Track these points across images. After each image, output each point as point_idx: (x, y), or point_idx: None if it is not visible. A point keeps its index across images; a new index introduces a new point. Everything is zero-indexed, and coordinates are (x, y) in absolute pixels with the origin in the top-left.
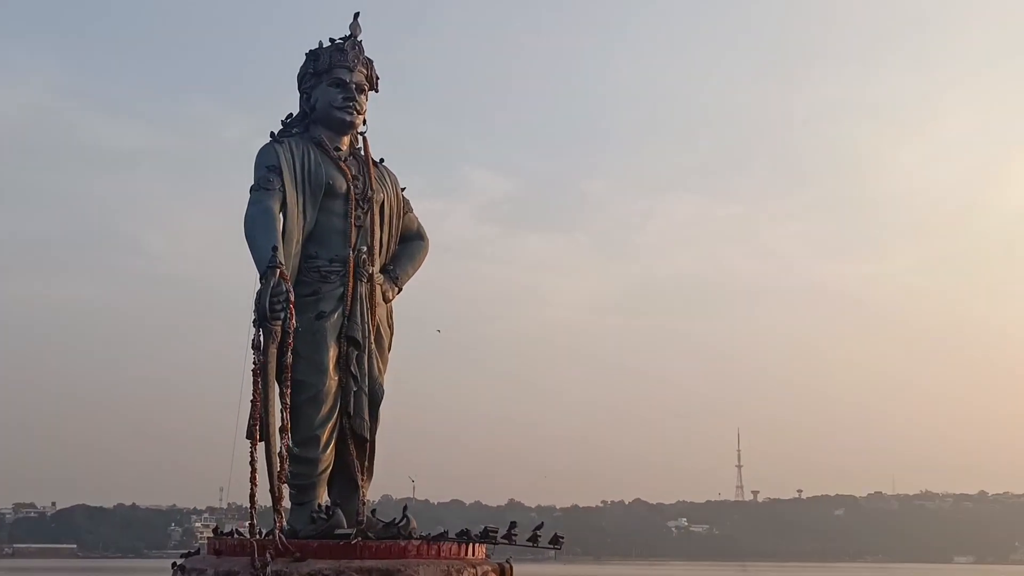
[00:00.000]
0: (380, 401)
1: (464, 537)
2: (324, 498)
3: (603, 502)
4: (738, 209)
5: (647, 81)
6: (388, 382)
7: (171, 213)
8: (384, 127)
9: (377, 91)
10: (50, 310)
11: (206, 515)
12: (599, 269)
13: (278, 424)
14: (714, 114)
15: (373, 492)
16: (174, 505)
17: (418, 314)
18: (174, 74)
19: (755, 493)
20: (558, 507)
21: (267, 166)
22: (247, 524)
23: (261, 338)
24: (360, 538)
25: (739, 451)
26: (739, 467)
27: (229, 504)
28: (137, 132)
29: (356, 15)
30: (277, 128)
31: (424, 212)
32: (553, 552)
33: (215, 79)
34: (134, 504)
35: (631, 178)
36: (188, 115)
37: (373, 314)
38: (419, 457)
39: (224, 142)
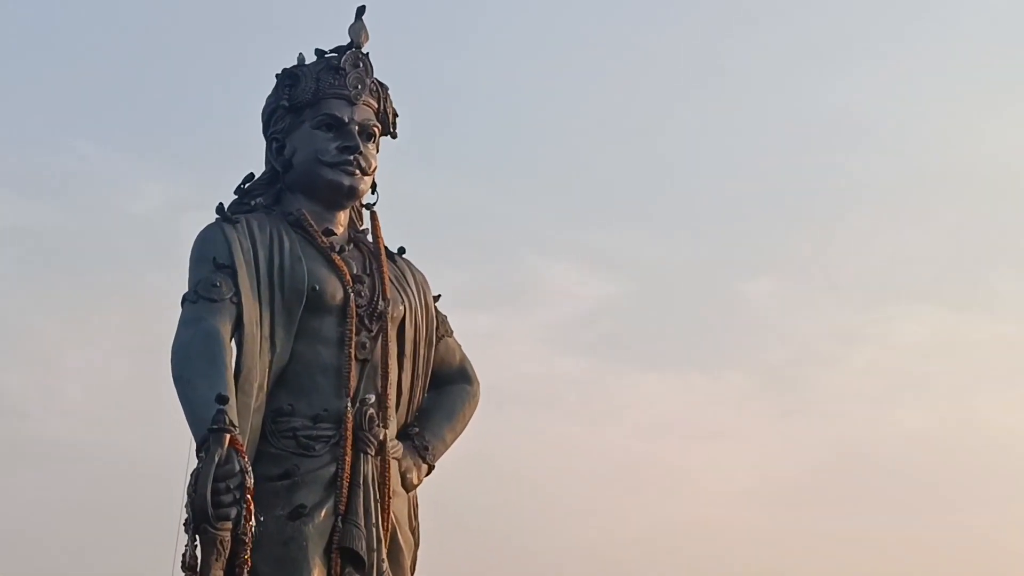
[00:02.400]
0: None
1: None
2: None
3: None
4: (1010, 327)
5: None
6: None
7: (46, 339)
8: (406, 194)
9: (395, 136)
10: None
11: None
12: (767, 431)
13: None
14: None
15: None
16: None
17: (457, 506)
18: (47, 111)
19: None
20: None
21: (212, 262)
22: None
23: (198, 553)
24: None
25: None
26: None
27: None
28: None
29: (360, 11)
30: (228, 198)
31: (465, 333)
32: None
33: (114, 116)
34: None
35: (824, 277)
36: (71, 174)
37: (387, 510)
38: None
39: (131, 220)
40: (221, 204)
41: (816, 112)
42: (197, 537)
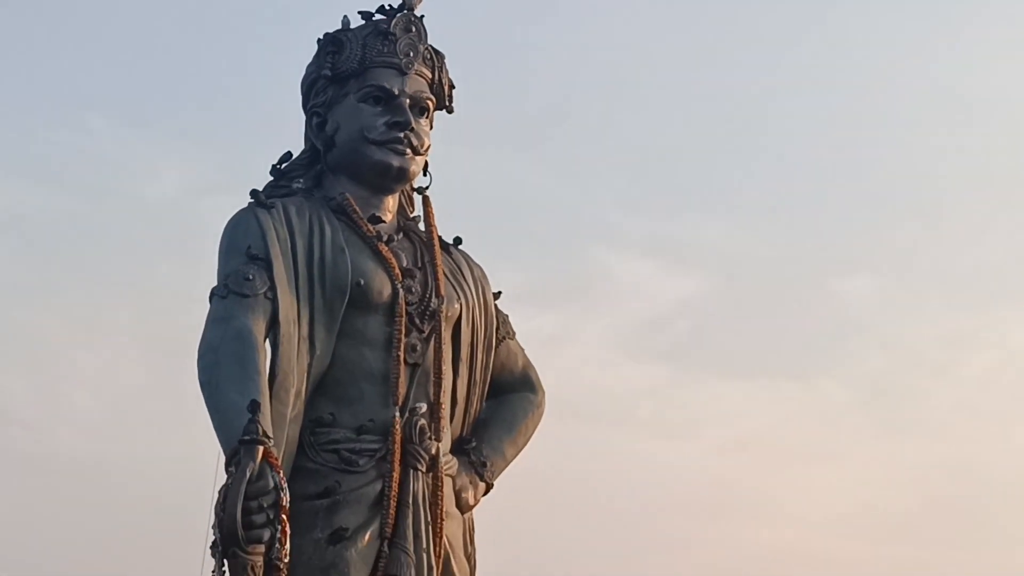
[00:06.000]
0: None
1: None
2: None
3: None
4: None
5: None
6: None
7: (50, 339)
8: (461, 177)
9: (451, 110)
10: None
11: None
12: (867, 450)
13: None
14: None
15: None
16: None
17: (516, 530)
18: (59, 85)
19: None
20: None
21: (245, 252)
22: None
23: None
24: None
25: None
26: None
27: None
28: None
29: None
30: (255, 180)
31: (525, 336)
32: None
33: (132, 92)
34: None
35: (929, 275)
36: (82, 154)
37: (440, 534)
38: None
39: (144, 206)
40: (255, 190)
41: (925, 92)
42: (225, 562)
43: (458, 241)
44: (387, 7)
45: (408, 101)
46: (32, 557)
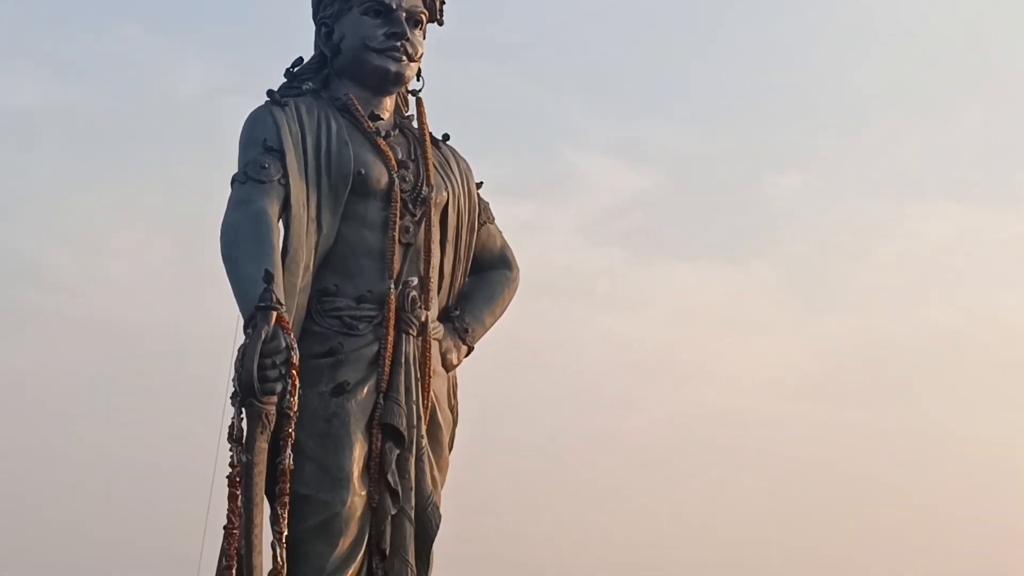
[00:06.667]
0: (435, 533)
1: None
2: None
3: None
4: None
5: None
6: (448, 502)
7: (89, 217)
8: (448, 84)
9: (442, 23)
10: None
11: None
12: (793, 323)
13: (267, 567)
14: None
15: None
16: None
17: (494, 392)
18: None
19: None
20: None
21: (262, 144)
22: None
23: (244, 425)
24: None
25: None
26: None
27: None
28: (35, 82)
29: None
30: (268, 82)
31: (503, 223)
32: None
33: (163, 4)
34: None
35: (850, 173)
36: (118, 57)
37: (427, 389)
38: None
39: (177, 103)
40: (270, 90)
41: (848, 8)
42: (243, 410)
43: (446, 137)
44: None
45: (404, 14)
46: (76, 407)
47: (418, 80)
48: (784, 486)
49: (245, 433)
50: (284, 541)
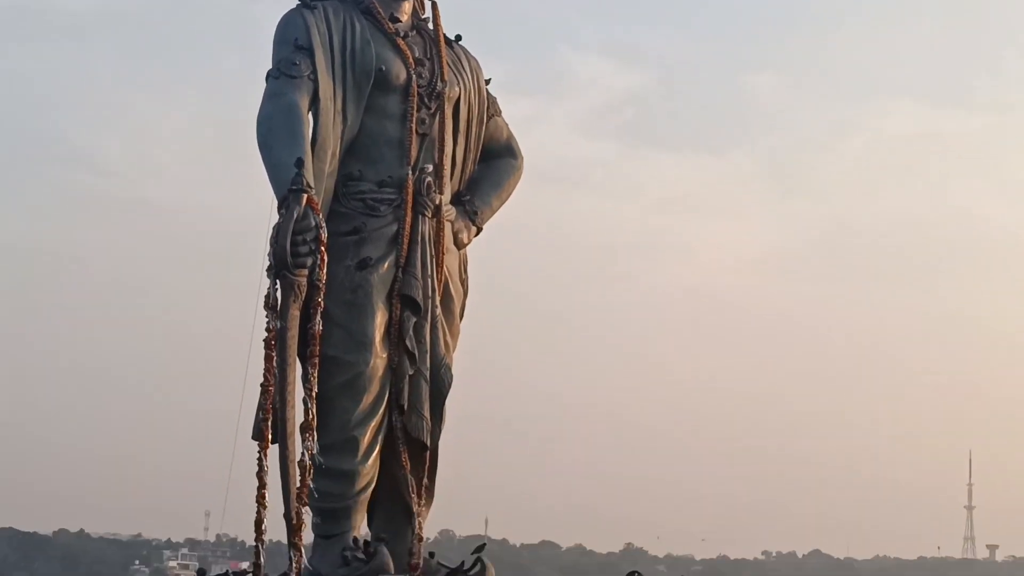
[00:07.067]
0: (447, 391)
1: None
2: (363, 529)
3: (765, 553)
4: (983, 121)
5: None
6: (459, 364)
7: (137, 109)
8: None
9: None
10: None
11: (184, 550)
12: (769, 209)
13: (299, 420)
14: None
15: (430, 526)
16: (138, 535)
17: (500, 268)
18: None
19: (992, 549)
20: (697, 558)
21: (293, 43)
22: (246, 565)
23: (278, 295)
24: None
25: (970, 486)
26: (969, 509)
27: (217, 536)
28: None
29: None
30: None
31: (509, 116)
32: None
33: None
34: (82, 531)
35: (820, 73)
36: None
37: (440, 264)
38: (497, 478)
39: (218, 6)
40: None
41: None
42: (277, 282)
43: (459, 38)
44: None
45: None
46: (130, 281)
47: None
48: (761, 348)
49: (279, 302)
50: (314, 397)
